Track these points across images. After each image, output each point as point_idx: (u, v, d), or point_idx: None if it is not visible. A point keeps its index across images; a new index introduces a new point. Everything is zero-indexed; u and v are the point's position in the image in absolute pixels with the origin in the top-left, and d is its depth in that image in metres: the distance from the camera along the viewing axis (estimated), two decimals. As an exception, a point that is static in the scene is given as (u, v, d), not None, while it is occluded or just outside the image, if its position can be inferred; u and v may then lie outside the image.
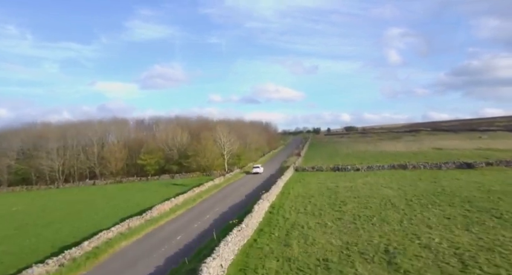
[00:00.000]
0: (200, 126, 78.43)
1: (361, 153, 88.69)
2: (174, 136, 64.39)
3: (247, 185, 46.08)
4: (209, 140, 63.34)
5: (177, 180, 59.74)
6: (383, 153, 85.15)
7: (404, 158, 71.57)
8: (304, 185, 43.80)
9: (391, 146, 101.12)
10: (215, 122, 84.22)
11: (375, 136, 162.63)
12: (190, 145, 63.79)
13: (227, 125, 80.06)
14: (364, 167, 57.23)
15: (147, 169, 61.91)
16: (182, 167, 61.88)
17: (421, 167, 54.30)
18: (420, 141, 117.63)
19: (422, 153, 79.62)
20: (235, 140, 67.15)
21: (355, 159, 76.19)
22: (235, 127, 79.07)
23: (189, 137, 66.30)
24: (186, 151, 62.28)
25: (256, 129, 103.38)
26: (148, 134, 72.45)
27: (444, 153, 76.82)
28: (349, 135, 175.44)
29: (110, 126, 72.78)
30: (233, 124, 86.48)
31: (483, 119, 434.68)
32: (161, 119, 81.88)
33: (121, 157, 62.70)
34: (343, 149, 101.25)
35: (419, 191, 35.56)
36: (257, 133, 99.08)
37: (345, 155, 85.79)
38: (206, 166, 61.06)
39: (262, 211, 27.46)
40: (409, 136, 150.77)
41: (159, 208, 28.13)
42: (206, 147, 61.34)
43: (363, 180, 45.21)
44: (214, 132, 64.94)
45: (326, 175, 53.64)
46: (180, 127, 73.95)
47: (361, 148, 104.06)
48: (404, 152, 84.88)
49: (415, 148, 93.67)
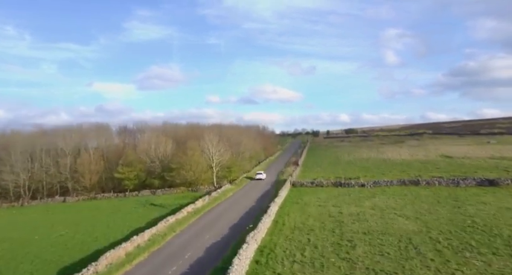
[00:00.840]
0: (188, 133, 71.53)
1: (364, 161, 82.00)
2: (157, 146, 57.53)
3: (236, 208, 39.22)
4: (196, 151, 56.48)
5: (160, 195, 52.91)
6: (388, 162, 78.43)
7: (412, 170, 64.91)
8: (302, 209, 36.99)
9: (395, 153, 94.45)
10: (205, 128, 77.27)
11: (377, 140, 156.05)
12: (175, 155, 56.94)
13: (217, 132, 73.20)
14: (370, 183, 50.46)
15: (125, 184, 55.03)
16: (164, 182, 55.00)
17: (436, 184, 47.56)
18: (424, 146, 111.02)
19: (431, 162, 72.94)
20: (226, 150, 60.32)
21: (359, 170, 69.44)
22: (227, 134, 72.23)
23: (174, 146, 59.42)
24: (169, 163, 55.41)
25: (252, 135, 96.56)
26: (129, 143, 65.40)
27: (456, 163, 70.15)
28: (349, 139, 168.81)
29: (89, 133, 65.89)
30: (226, 130, 79.58)
31: (483, 120, 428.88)
32: (146, 125, 74.98)
33: (97, 169, 55.78)
34: (345, 156, 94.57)
35: (444, 223, 28.81)
36: (252, 139, 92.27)
37: (346, 164, 79.10)
38: (192, 181, 54.19)
39: (246, 264, 20.60)
40: (411, 140, 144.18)
41: (110, 256, 21.23)
42: (192, 158, 54.49)
43: (370, 203, 38.43)
44: (202, 142, 58.08)
45: (328, 192, 46.87)
46: (166, 135, 67.05)
47: (364, 154, 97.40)
48: (410, 160, 78.20)
49: (421, 155, 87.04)
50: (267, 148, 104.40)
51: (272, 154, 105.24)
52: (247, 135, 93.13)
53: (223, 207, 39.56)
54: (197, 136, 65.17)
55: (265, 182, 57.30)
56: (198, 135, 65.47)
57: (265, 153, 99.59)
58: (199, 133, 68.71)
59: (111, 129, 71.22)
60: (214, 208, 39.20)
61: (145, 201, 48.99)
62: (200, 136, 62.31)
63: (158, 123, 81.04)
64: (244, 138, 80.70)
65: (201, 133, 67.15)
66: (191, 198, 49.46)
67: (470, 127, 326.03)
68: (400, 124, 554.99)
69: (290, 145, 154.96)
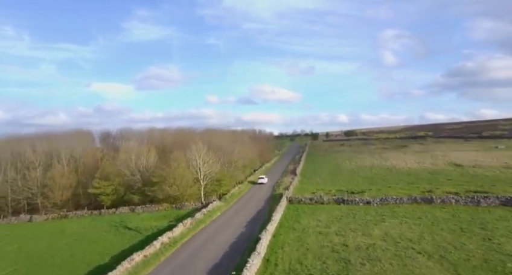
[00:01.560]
0: (176, 140, 65.41)
1: (367, 170, 75.99)
2: (138, 156, 51.44)
3: (220, 238, 33.12)
4: (181, 162, 50.38)
5: (140, 212, 46.78)
6: (393, 171, 72.43)
7: (421, 182, 58.97)
8: (299, 238, 30.96)
9: (400, 160, 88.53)
10: (195, 135, 71.10)
11: (378, 144, 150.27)
12: (158, 167, 50.83)
13: (207, 139, 67.24)
14: (376, 200, 44.45)
15: (101, 200, 48.89)
16: (145, 197, 48.87)
17: (452, 202, 41.59)
18: (430, 152, 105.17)
19: (441, 172, 67.01)
20: (215, 161, 54.28)
21: (362, 181, 63.50)
22: (218, 142, 66.19)
23: (157, 157, 53.37)
24: (150, 176, 49.30)
25: (246, 141, 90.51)
26: (109, 153, 59.00)
27: (468, 173, 64.23)
28: (349, 143, 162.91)
29: (63, 141, 59.63)
30: (217, 137, 73.48)
31: (484, 121, 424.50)
32: (131, 132, 68.50)
33: (70, 183, 49.62)
34: (346, 164, 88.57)
35: (478, 266, 22.84)
36: (246, 146, 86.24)
37: (348, 173, 73.09)
38: (176, 196, 48.10)
39: None
40: (415, 144, 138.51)
41: None
42: (176, 171, 48.39)
43: (380, 230, 32.39)
44: (188, 152, 51.99)
45: (329, 212, 40.86)
46: (151, 143, 60.96)
47: (366, 161, 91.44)
48: (417, 170, 72.25)
49: (428, 163, 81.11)
50: (263, 153, 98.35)
51: (268, 160, 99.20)
52: (242, 141, 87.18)
53: (205, 236, 33.44)
54: (185, 144, 59.14)
55: (258, 198, 51.26)
56: (187, 142, 59.42)
57: (261, 160, 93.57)
58: (188, 140, 62.67)
59: (91, 136, 65.20)
60: (194, 237, 33.09)
61: (121, 221, 42.84)
62: (188, 145, 56.22)
63: (144, 128, 74.96)
64: (238, 145, 74.66)
65: (189, 141, 61.10)
66: (173, 218, 43.49)
67: (470, 129, 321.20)
68: (399, 125, 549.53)
69: (287, 150, 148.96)
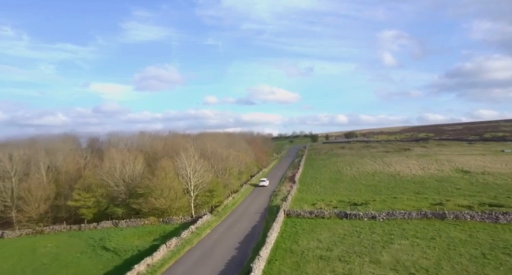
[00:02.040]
0: (168, 146, 61.26)
1: (369, 177, 71.93)
2: (123, 165, 47.32)
3: (207, 265, 29.03)
4: (170, 172, 46.28)
5: (124, 227, 42.64)
6: (398, 178, 68.37)
7: (429, 191, 54.98)
8: (297, 266, 26.93)
9: (403, 165, 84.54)
10: (188, 139, 66.87)
11: (380, 147, 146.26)
12: (144, 177, 46.71)
13: (200, 145, 63.25)
14: (383, 215, 40.43)
15: (82, 213, 44.79)
16: (130, 210, 44.76)
17: (467, 218, 37.55)
18: (434, 156, 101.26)
19: (448, 180, 63.00)
20: (207, 170, 50.23)
21: (365, 189, 59.49)
22: (211, 148, 62.12)
23: (145, 165, 49.28)
24: (136, 187, 45.18)
25: (242, 145, 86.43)
26: (93, 161, 54.72)
27: (478, 182, 60.23)
28: (350, 145, 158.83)
29: (49, 146, 55.50)
30: (211, 143, 69.37)
31: (484, 122, 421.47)
32: (119, 136, 63.97)
33: (47, 195, 45.42)
34: (347, 169, 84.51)
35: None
36: (243, 150, 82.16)
37: (350, 181, 69.00)
38: (164, 209, 44.00)
39: None
40: (417, 147, 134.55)
41: None
42: (164, 182, 44.29)
43: (390, 255, 28.33)
44: (178, 160, 47.90)
45: (331, 229, 36.83)
46: (140, 149, 56.87)
47: (368, 166, 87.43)
48: (423, 177, 68.20)
49: (433, 169, 77.09)
50: (260, 158, 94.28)
51: (266, 165, 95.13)
52: (238, 145, 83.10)
53: (190, 262, 29.32)
54: (175, 150, 55.07)
55: (254, 209, 47.19)
56: (178, 148, 55.34)
57: (259, 164, 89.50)
58: (179, 146, 58.59)
59: (77, 141, 60.89)
60: (177, 264, 28.97)
61: (100, 239, 38.72)
62: (179, 151, 52.15)
63: (135, 133, 70.79)
64: (233, 151, 70.61)
65: (181, 147, 57.04)
66: (159, 234, 39.46)
67: (471, 130, 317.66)
68: (399, 126, 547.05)
69: (287, 153, 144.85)
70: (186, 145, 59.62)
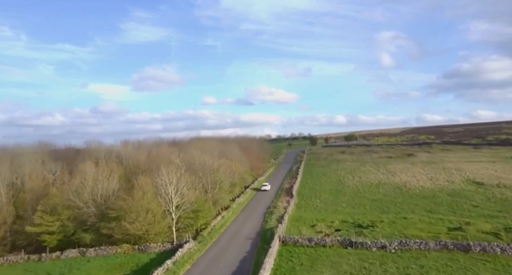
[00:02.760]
0: (153, 157, 55.06)
1: (374, 189, 65.89)
2: (95, 182, 41.20)
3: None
4: (148, 191, 40.17)
5: (92, 257, 36.42)
6: (405, 191, 62.30)
7: (442, 209, 48.91)
8: None
9: (409, 175, 78.57)
10: (174, 149, 60.54)
11: (381, 151, 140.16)
12: (119, 197, 40.54)
13: (189, 155, 57.22)
14: (394, 244, 34.44)
15: (44, 240, 38.69)
16: (101, 236, 38.62)
17: (497, 252, 31.56)
18: (440, 162, 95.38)
19: (461, 194, 56.98)
20: (194, 185, 44.17)
21: (370, 205, 53.40)
22: (201, 158, 56.00)
23: (122, 181, 43.15)
24: (108, 209, 39.03)
25: (236, 153, 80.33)
26: (62, 176, 48.22)
27: (495, 197, 54.19)
28: (351, 150, 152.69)
29: (17, 157, 49.09)
30: (202, 147, 63.31)
31: (485, 124, 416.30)
32: (99, 145, 57.47)
33: (3, 219, 39.09)
34: (349, 179, 78.46)
35: None
36: (236, 159, 76.09)
37: (353, 193, 62.91)
38: (140, 235, 37.88)
39: None
40: (421, 152, 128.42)
41: None
42: (140, 203, 38.18)
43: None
44: (158, 176, 41.76)
45: (333, 266, 30.81)
46: (119, 162, 50.73)
47: (371, 175, 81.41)
48: (432, 189, 62.15)
49: (442, 179, 71.13)
50: (256, 166, 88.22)
51: (262, 173, 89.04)
52: (231, 153, 77.00)
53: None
54: (158, 163, 48.96)
55: (245, 234, 41.10)
56: (161, 161, 49.23)
57: (254, 173, 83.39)
58: (164, 157, 52.49)
59: (50, 151, 54.26)
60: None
61: (61, 274, 32.57)
62: (161, 165, 46.01)
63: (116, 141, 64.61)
64: (225, 161, 64.57)
65: (166, 158, 50.95)
66: (130, 269, 33.43)
67: (473, 132, 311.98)
68: (399, 128, 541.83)
69: (284, 158, 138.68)
70: (172, 157, 53.48)
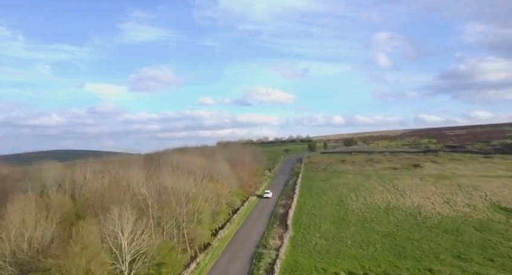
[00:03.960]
0: (110, 189, 44.78)
1: (382, 215, 55.93)
2: (22, 228, 31.23)
3: None
4: (91, 243, 30.10)
5: None
6: (420, 221, 52.11)
7: (474, 255, 38.71)
8: None
9: (420, 194, 68.85)
10: (141, 173, 50.05)
11: (385, 161, 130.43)
12: (54, 248, 30.52)
13: (161, 180, 47.31)
14: None
15: None
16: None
17: None
18: (453, 178, 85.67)
19: (492, 229, 46.82)
20: (166, 220, 34.23)
21: (381, 244, 43.27)
22: (174, 187, 45.90)
23: (60, 227, 33.09)
24: (35, 267, 29.08)
25: (223, 168, 70.33)
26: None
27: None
28: (351, 157, 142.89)
29: None
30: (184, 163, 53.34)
31: (487, 126, 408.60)
32: (45, 174, 45.12)
33: None
34: (352, 199, 68.59)
35: None
36: (225, 177, 66.19)
37: (359, 223, 52.80)
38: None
39: None
40: (428, 162, 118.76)
41: None
42: (76, 261, 28.14)
43: None
44: (107, 220, 31.73)
45: None
46: (67, 195, 40.62)
47: (377, 194, 71.57)
48: (454, 219, 52.07)
49: (461, 202, 61.33)
50: (247, 182, 78.25)
51: (255, 190, 79.06)
52: (218, 170, 66.98)
53: None
54: (116, 198, 38.91)
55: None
56: (119, 195, 39.18)
57: (244, 192, 73.42)
58: (126, 187, 42.44)
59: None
60: None
61: None
62: (117, 202, 35.94)
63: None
64: (208, 185, 54.75)
65: (128, 189, 40.90)
66: None
67: (476, 136, 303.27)
68: (398, 130, 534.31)
69: (281, 168, 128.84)
70: (139, 183, 43.44)
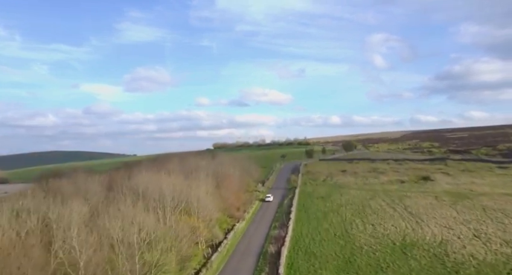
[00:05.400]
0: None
1: (399, 257, 44.06)
2: None
3: None
4: None
5: None
6: (451, 270, 40.51)
7: None
8: None
9: (441, 222, 57.23)
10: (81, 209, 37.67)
11: (389, 171, 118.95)
12: None
13: (109, 223, 35.38)
14: None
15: None
16: None
17: None
18: (473, 198, 74.09)
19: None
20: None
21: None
22: (122, 232, 33.87)
23: None
24: None
25: (207, 189, 58.43)
26: None
27: None
28: (352, 167, 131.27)
29: None
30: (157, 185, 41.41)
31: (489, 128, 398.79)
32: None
33: None
34: (359, 228, 56.86)
35: None
36: (206, 203, 54.24)
37: (371, 270, 41.22)
38: None
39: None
40: (438, 174, 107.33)
41: None
42: None
43: None
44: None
45: None
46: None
47: (388, 221, 59.89)
48: (494, 266, 40.47)
49: (494, 236, 49.55)
50: (233, 205, 66.36)
51: (243, 213, 67.02)
52: (199, 191, 54.85)
53: None
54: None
55: None
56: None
57: (229, 220, 61.49)
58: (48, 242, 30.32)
59: None
60: None
61: None
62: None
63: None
64: (180, 220, 42.96)
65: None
66: None
67: (479, 139, 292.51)
68: (398, 131, 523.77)
69: (276, 179, 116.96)
70: (67, 239, 31.38)
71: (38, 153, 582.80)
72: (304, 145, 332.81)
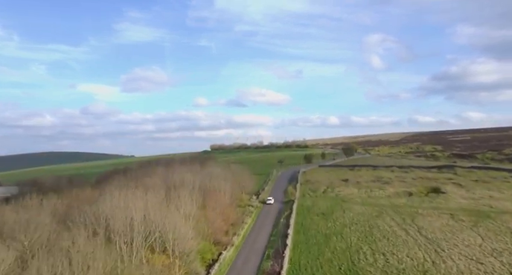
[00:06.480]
0: None
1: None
2: None
3: None
4: None
5: None
6: None
7: None
8: None
9: (465, 252, 48.21)
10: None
11: (395, 180, 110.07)
12: None
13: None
14: None
15: None
16: None
17: None
18: (496, 216, 65.00)
19: None
20: None
21: None
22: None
23: None
24: None
25: (191, 210, 49.26)
26: None
27: None
28: (354, 175, 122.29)
29: None
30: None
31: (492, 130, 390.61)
32: None
33: None
34: (368, 260, 47.69)
35: None
36: (184, 230, 44.98)
37: None
38: None
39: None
40: (450, 185, 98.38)
41: None
42: None
43: None
44: None
45: None
46: None
47: (401, 246, 50.94)
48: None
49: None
50: (220, 229, 57.14)
51: (232, 237, 57.80)
52: (172, 224, 45.58)
53: None
54: None
55: None
56: None
57: (215, 248, 52.17)
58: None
59: None
60: None
61: None
62: None
63: None
64: (150, 260, 33.73)
65: None
66: None
67: (483, 143, 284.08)
68: (397, 133, 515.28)
69: (272, 190, 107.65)
70: None
71: (38, 154, 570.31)
72: (303, 148, 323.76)
